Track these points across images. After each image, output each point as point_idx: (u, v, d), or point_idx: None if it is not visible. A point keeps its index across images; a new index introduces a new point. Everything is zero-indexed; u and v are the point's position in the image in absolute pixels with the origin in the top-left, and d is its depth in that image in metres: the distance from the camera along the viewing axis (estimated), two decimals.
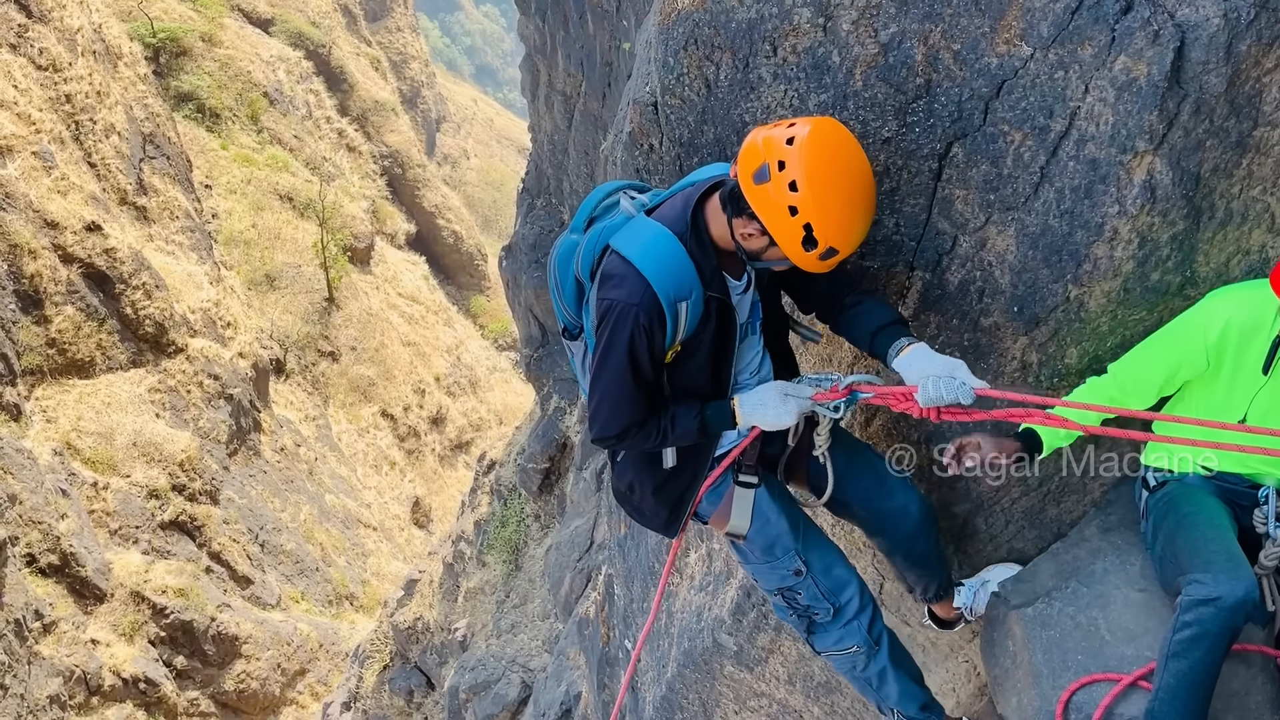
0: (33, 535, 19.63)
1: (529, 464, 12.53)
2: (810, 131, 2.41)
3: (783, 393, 2.76)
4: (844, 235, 2.48)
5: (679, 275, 2.58)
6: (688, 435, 2.81)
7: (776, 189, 2.42)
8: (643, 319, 2.56)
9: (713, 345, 2.76)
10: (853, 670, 3.12)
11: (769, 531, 2.97)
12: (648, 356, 2.63)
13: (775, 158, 2.42)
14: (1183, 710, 2.57)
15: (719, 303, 2.70)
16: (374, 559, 30.37)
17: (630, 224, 2.69)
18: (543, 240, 12.40)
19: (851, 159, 2.46)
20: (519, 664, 11.40)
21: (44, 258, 22.68)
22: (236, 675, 22.60)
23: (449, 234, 45.16)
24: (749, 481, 2.97)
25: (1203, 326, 2.68)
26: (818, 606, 2.97)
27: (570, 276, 2.87)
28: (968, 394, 2.54)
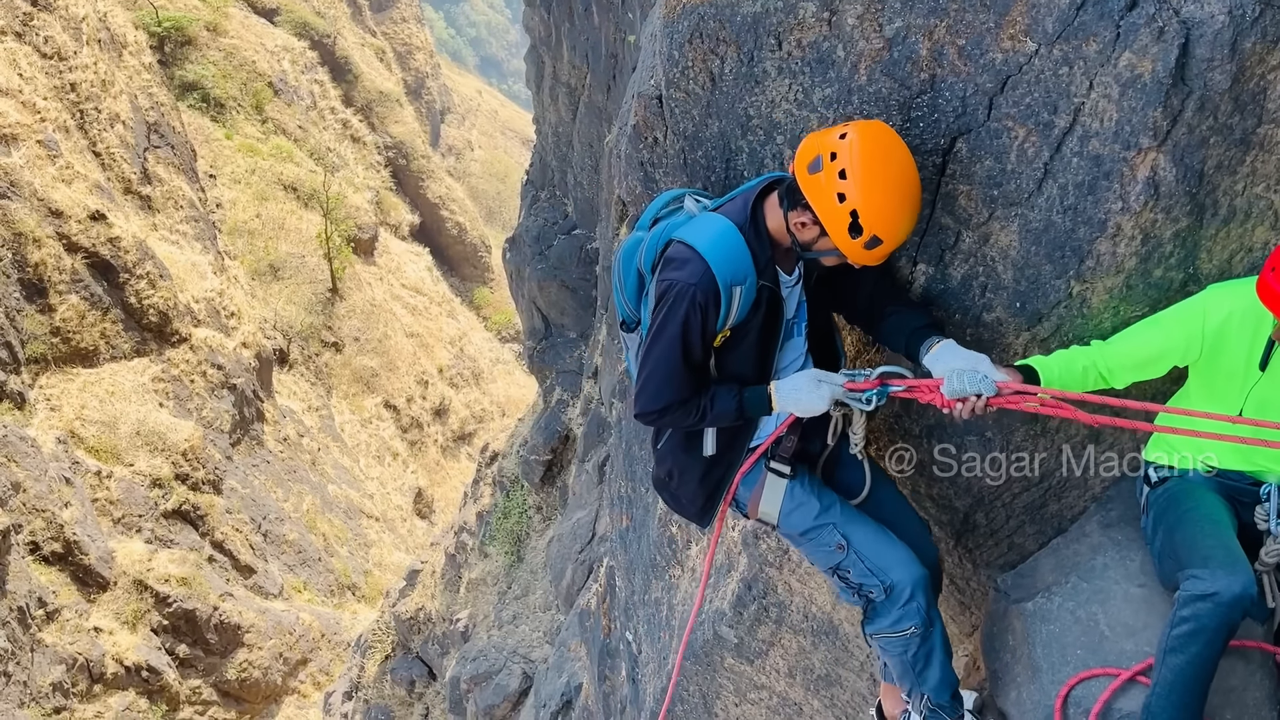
0: (36, 523, 19.68)
1: (531, 456, 12.56)
2: (862, 130, 2.61)
3: (816, 379, 2.88)
4: (887, 224, 2.61)
5: (737, 260, 2.76)
6: (726, 415, 2.92)
7: (828, 177, 2.59)
8: (699, 298, 2.72)
9: (760, 334, 2.91)
10: (903, 654, 3.10)
11: (805, 512, 3.06)
12: (699, 336, 2.78)
13: (828, 150, 2.60)
14: (1179, 704, 2.58)
15: (770, 292, 2.86)
16: (376, 549, 30.43)
17: (696, 219, 2.89)
18: (546, 232, 12.41)
19: (898, 156, 2.62)
20: (520, 655, 11.44)
21: (48, 246, 22.71)
22: (239, 664, 22.66)
23: (453, 225, 45.15)
24: (781, 471, 3.07)
25: (1204, 313, 2.69)
26: (869, 584, 3.00)
27: (633, 270, 3.05)
28: (990, 386, 2.69)
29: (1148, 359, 2.81)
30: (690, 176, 3.37)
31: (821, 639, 4.25)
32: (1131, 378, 2.86)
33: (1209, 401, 2.82)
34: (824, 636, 4.26)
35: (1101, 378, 2.86)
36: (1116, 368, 2.83)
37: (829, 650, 4.27)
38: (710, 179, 3.33)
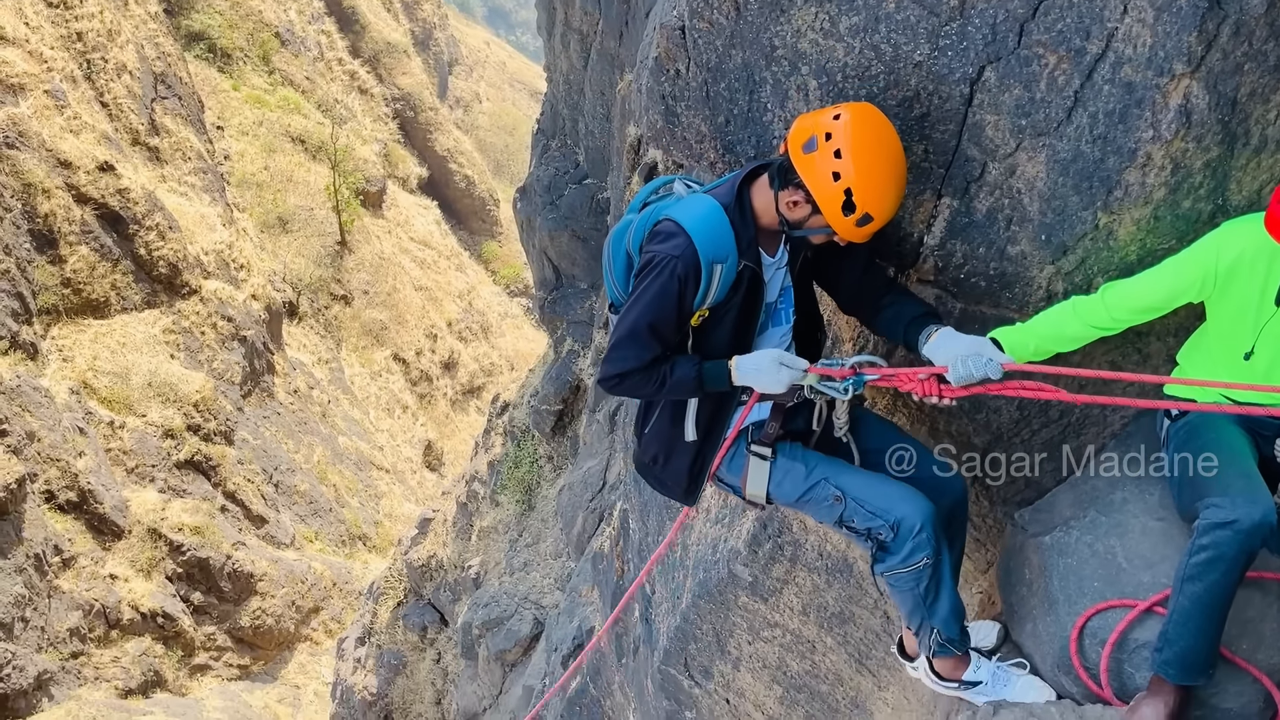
0: (51, 472, 19.88)
1: (542, 406, 12.60)
2: (855, 112, 2.71)
3: (777, 361, 2.89)
4: (878, 202, 2.72)
5: (719, 239, 2.83)
6: (684, 384, 2.95)
7: (823, 156, 2.69)
8: (680, 269, 2.79)
9: (738, 316, 2.96)
10: (915, 587, 3.07)
11: (793, 478, 3.10)
12: (675, 308, 2.84)
13: (823, 130, 2.70)
14: (1196, 632, 2.60)
15: (751, 272, 2.93)
16: (387, 501, 30.69)
17: (685, 199, 2.98)
18: (557, 182, 12.34)
19: (889, 138, 2.72)
20: (531, 601, 11.57)
21: (58, 197, 22.67)
22: (252, 611, 22.98)
23: (461, 178, 44.90)
24: (762, 454, 3.12)
25: (1216, 251, 2.67)
26: (876, 526, 2.99)
27: (622, 251, 3.11)
28: (996, 370, 2.74)
29: (1157, 303, 2.79)
30: (713, 109, 3.34)
31: (835, 577, 4.29)
32: (1136, 320, 2.84)
33: (1222, 340, 2.82)
34: (838, 574, 4.29)
35: (1100, 330, 2.85)
36: (1121, 314, 2.81)
37: (843, 588, 4.31)
38: (733, 111, 3.30)
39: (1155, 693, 2.67)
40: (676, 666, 5.60)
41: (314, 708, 22.41)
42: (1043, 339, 2.86)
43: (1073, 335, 2.86)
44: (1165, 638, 2.65)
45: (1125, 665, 2.85)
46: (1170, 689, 2.65)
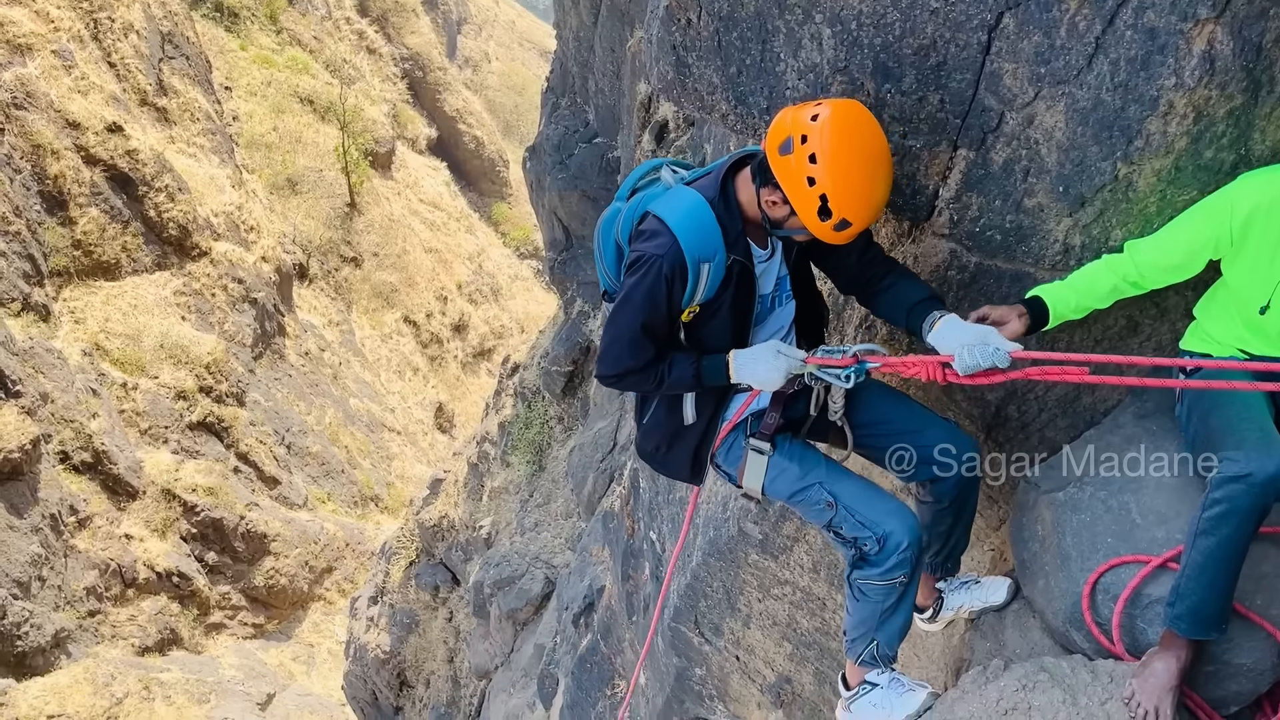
0: (65, 433, 20.04)
1: (552, 367, 12.60)
2: (833, 111, 2.60)
3: (776, 350, 2.88)
4: (857, 208, 2.65)
5: (705, 236, 2.78)
6: (683, 382, 2.96)
7: (798, 160, 2.61)
8: (665, 269, 2.75)
9: (732, 309, 2.92)
10: (882, 601, 3.09)
11: (787, 477, 3.08)
12: (664, 307, 2.81)
13: (799, 132, 2.60)
14: (1209, 586, 2.58)
15: (741, 266, 2.87)
16: (398, 462, 30.87)
17: (669, 192, 2.91)
18: (567, 141, 12.24)
19: (869, 138, 2.63)
20: (542, 560, 11.64)
21: (66, 159, 22.65)
22: (266, 571, 23.25)
23: (470, 139, 44.66)
24: (761, 448, 3.08)
25: (1230, 206, 2.63)
26: (863, 537, 2.99)
27: (611, 241, 3.09)
28: (1003, 358, 2.69)
29: (1181, 261, 2.76)
30: (724, 60, 3.28)
31: None
32: (1165, 280, 2.82)
33: (1238, 293, 2.78)
34: None
35: (1133, 286, 2.82)
36: (1149, 273, 2.78)
37: None
38: (745, 62, 3.24)
39: (1167, 648, 2.66)
40: (687, 624, 5.63)
41: (328, 666, 22.72)
42: (1081, 294, 2.84)
43: (1106, 290, 2.83)
44: (1177, 592, 2.64)
45: (1138, 621, 2.83)
46: (1182, 644, 2.64)
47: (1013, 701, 2.78)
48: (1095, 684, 2.75)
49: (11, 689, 16.58)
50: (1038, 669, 2.86)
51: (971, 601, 3.47)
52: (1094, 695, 2.72)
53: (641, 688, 6.92)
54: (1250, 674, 2.72)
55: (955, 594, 3.51)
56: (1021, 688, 2.81)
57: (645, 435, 3.32)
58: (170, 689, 18.29)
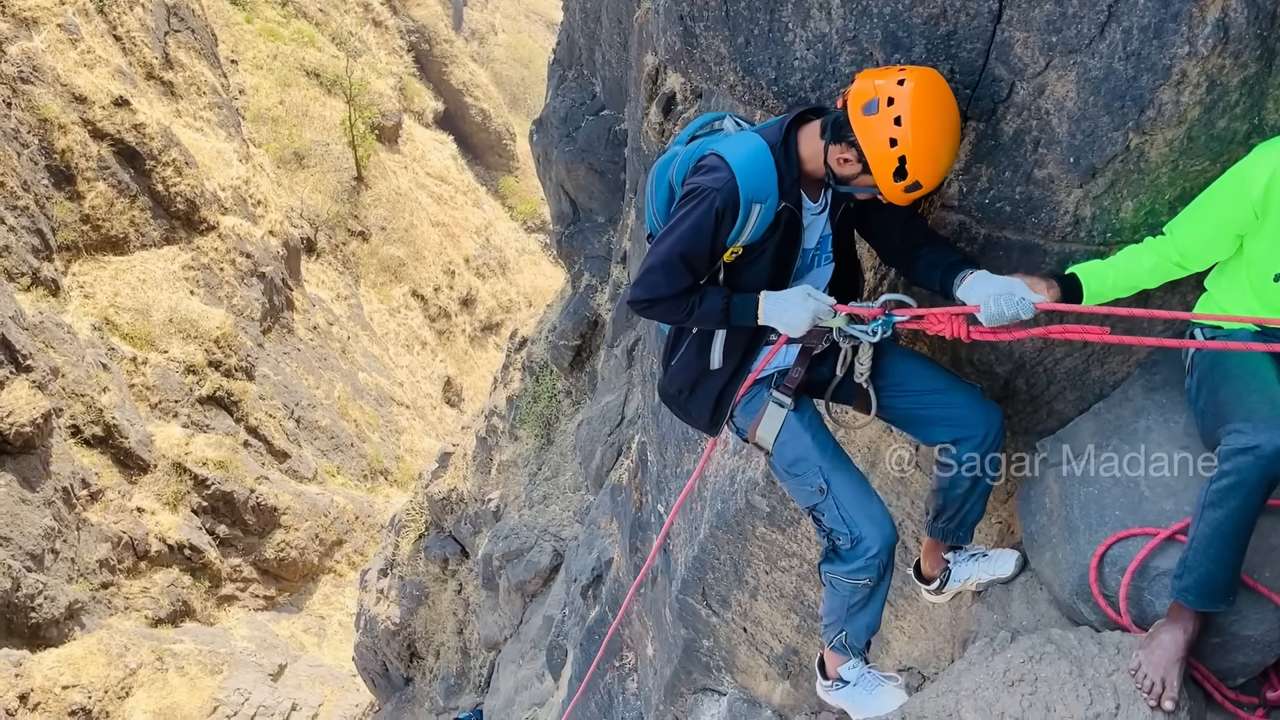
0: (76, 407, 20.15)
1: (560, 341, 12.60)
2: (920, 76, 2.68)
3: (806, 293, 2.93)
4: (930, 171, 2.72)
5: (762, 177, 2.84)
6: (712, 315, 2.99)
7: (882, 121, 2.67)
8: (718, 202, 2.81)
9: (775, 256, 2.98)
10: (847, 597, 3.23)
11: (795, 446, 3.15)
12: (710, 240, 2.86)
13: (886, 95, 2.67)
14: (1216, 558, 2.57)
15: (790, 214, 2.93)
16: (407, 436, 30.97)
17: (733, 136, 3.00)
18: (574, 113, 12.17)
19: (949, 108, 2.71)
20: (551, 533, 11.70)
21: (74, 133, 22.62)
22: (276, 544, 23.42)
23: (477, 112, 44.44)
24: (782, 401, 3.15)
25: (1248, 180, 2.60)
26: (839, 531, 3.11)
27: (664, 183, 3.12)
28: (1028, 309, 2.75)
29: (1212, 236, 2.73)
30: (732, 29, 3.25)
31: None
32: (1206, 259, 2.79)
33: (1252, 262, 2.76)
34: None
35: (1178, 267, 2.80)
36: (1189, 251, 2.76)
37: None
38: (753, 31, 3.21)
39: (1174, 620, 2.66)
40: (694, 596, 5.66)
41: (338, 637, 22.92)
42: (1121, 273, 2.83)
43: (1147, 268, 2.81)
44: (1185, 564, 2.64)
45: (1145, 593, 2.84)
46: (1189, 615, 2.64)
47: (1020, 673, 2.80)
48: (1102, 655, 2.76)
49: (26, 660, 16.77)
50: (1045, 640, 2.87)
51: (979, 574, 3.48)
52: (1101, 666, 2.73)
53: (650, 659, 6.96)
54: (1257, 646, 2.72)
55: (962, 566, 3.51)
56: (1028, 659, 2.82)
57: (671, 377, 3.36)
58: (183, 660, 18.48)
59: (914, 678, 4.50)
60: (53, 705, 16.41)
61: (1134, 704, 2.63)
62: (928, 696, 2.94)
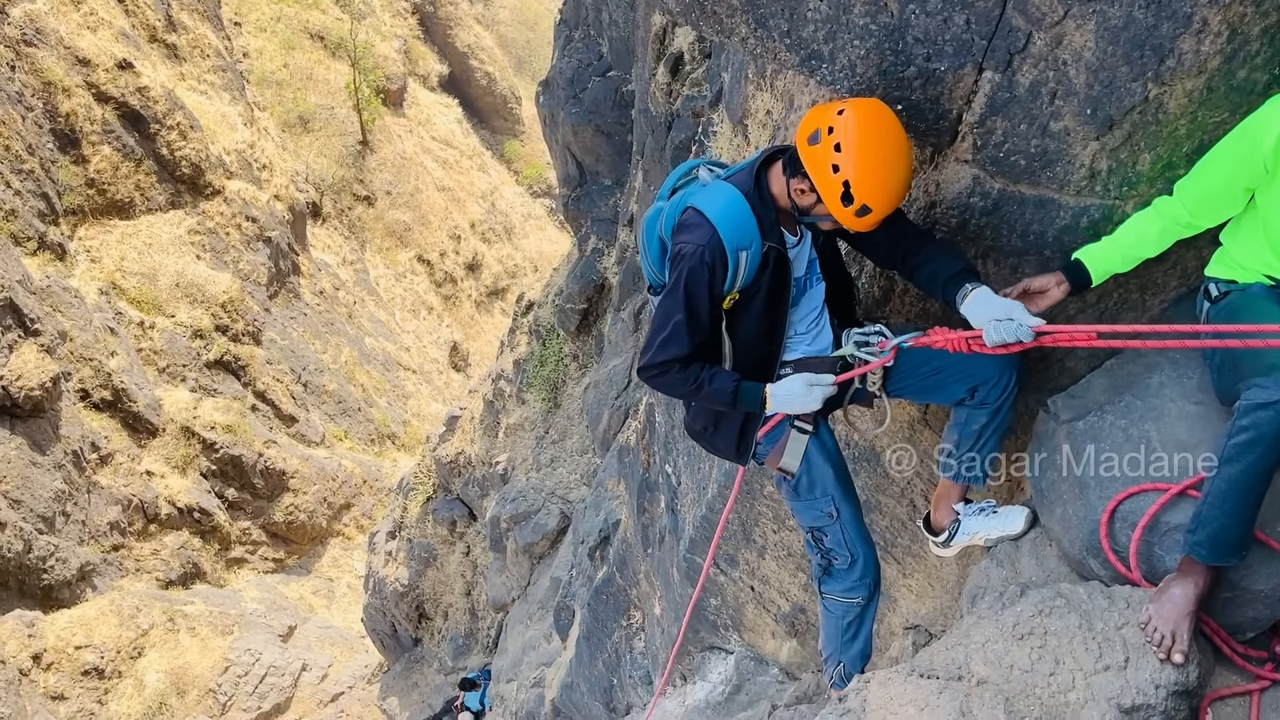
0: (85, 371, 20.22)
1: (567, 304, 12.57)
2: (858, 106, 2.83)
3: (808, 384, 3.11)
4: (876, 195, 2.85)
5: (742, 226, 3.00)
6: (720, 396, 3.14)
7: (824, 149, 2.84)
8: (707, 257, 2.97)
9: (769, 294, 3.12)
10: (842, 618, 3.58)
11: (814, 474, 3.36)
12: (707, 295, 3.02)
13: (826, 124, 2.85)
14: (1231, 513, 2.57)
15: (776, 253, 3.09)
16: (414, 400, 31.05)
17: (707, 188, 3.14)
18: (580, 74, 12.07)
19: (889, 131, 2.83)
20: (558, 496, 11.75)
21: (78, 96, 22.51)
22: (285, 507, 23.58)
23: (482, 75, 44.12)
24: (804, 428, 3.33)
25: (1258, 132, 2.56)
26: (839, 552, 3.42)
27: (655, 238, 3.28)
28: (1027, 333, 2.87)
29: (1222, 192, 2.70)
30: None
31: (862, 465, 4.29)
32: (1215, 216, 2.77)
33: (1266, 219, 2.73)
34: (864, 463, 4.29)
35: (1188, 226, 2.78)
36: (1199, 208, 2.74)
37: (869, 477, 4.32)
38: None
39: (1185, 574, 2.66)
40: (702, 555, 5.68)
41: (347, 599, 23.14)
42: (1127, 247, 2.85)
43: (1154, 234, 2.82)
44: (1199, 519, 2.63)
45: (1155, 548, 2.84)
46: (1201, 570, 2.64)
47: (1029, 626, 2.81)
48: (1112, 609, 2.77)
49: (39, 621, 16.96)
50: (1054, 594, 2.87)
51: (988, 530, 3.48)
52: (1110, 620, 2.74)
53: (658, 618, 7.01)
54: (1267, 600, 2.73)
55: (972, 519, 3.52)
56: (1038, 613, 2.83)
57: (694, 416, 3.54)
58: (194, 621, 18.68)
59: (920, 635, 4.53)
60: (66, 665, 16.62)
61: (1143, 657, 2.64)
62: (937, 650, 2.95)
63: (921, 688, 2.75)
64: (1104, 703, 2.59)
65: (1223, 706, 2.73)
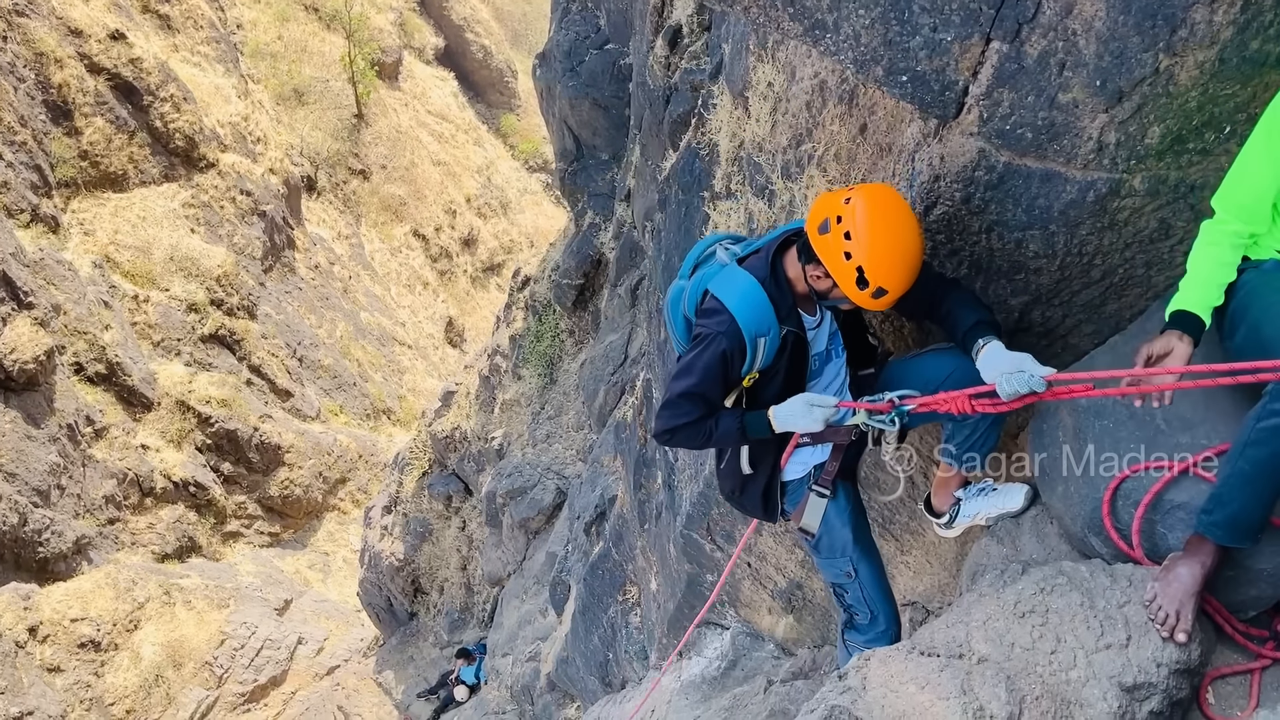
0: (79, 345, 20.14)
1: (564, 280, 12.52)
2: (865, 193, 2.91)
3: (809, 404, 3.16)
4: (890, 277, 2.92)
5: (760, 315, 3.10)
6: (729, 435, 3.25)
7: (835, 238, 2.93)
8: (725, 345, 3.08)
9: (788, 371, 3.23)
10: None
11: (833, 536, 3.49)
12: (720, 378, 3.13)
13: (834, 213, 2.93)
14: (1254, 496, 2.51)
15: (795, 336, 3.20)
16: (410, 376, 31.01)
17: (724, 271, 3.23)
18: (578, 47, 11.95)
19: (896, 214, 2.89)
20: (554, 471, 11.74)
21: (70, 67, 22.30)
22: (280, 482, 23.57)
23: (478, 49, 43.78)
24: (822, 492, 3.44)
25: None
26: (859, 609, 3.55)
27: (679, 314, 3.43)
28: (1039, 383, 2.90)
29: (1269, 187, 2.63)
30: None
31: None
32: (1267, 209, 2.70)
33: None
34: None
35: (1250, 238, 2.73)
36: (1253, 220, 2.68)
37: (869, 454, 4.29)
38: None
39: (1193, 553, 2.63)
40: (699, 531, 5.67)
41: (343, 574, 23.19)
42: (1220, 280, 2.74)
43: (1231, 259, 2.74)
44: (1218, 499, 2.58)
45: (1158, 526, 2.82)
46: (1210, 550, 2.61)
47: (1031, 604, 2.79)
48: (1114, 587, 2.75)
49: (35, 593, 16.97)
50: (1056, 573, 2.86)
51: (989, 508, 3.48)
52: (1112, 598, 2.72)
53: (654, 594, 7.01)
54: (1270, 579, 2.70)
55: (972, 500, 3.52)
56: (1040, 591, 2.81)
57: (722, 479, 3.68)
58: (190, 594, 18.71)
59: (918, 612, 4.53)
60: (62, 637, 16.64)
61: (1145, 635, 2.62)
62: (937, 628, 2.93)
63: (922, 665, 2.73)
64: (1105, 681, 2.57)
65: (1224, 685, 2.71)
